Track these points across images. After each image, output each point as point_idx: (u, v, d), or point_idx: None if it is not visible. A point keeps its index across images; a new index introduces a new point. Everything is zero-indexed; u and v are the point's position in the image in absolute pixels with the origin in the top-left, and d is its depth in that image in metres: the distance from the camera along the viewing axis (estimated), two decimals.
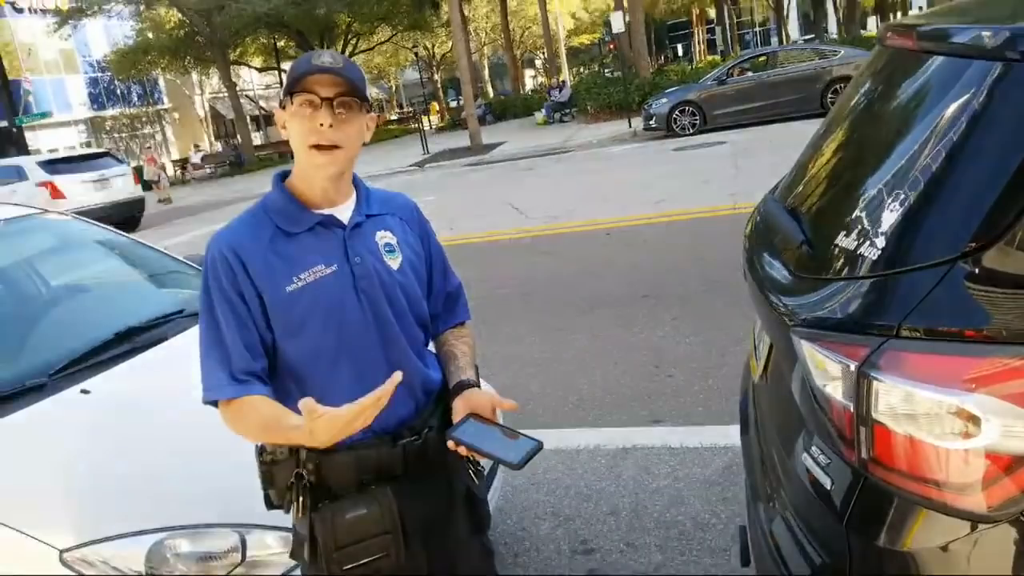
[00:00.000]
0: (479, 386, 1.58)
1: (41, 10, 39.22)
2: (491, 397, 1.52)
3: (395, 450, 1.51)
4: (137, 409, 2.15)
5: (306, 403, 1.25)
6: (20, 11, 41.66)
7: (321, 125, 1.38)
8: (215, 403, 1.44)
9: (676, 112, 15.82)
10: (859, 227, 1.31)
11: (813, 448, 1.35)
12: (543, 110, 25.83)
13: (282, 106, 1.45)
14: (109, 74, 42.21)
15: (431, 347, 1.71)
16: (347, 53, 36.20)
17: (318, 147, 1.40)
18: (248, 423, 1.42)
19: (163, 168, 25.98)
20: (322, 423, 1.27)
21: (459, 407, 1.50)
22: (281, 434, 1.39)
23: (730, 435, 2.95)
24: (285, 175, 1.53)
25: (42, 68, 42.66)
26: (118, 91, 48.47)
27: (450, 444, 1.43)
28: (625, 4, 23.35)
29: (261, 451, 1.50)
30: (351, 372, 1.47)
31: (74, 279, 3.33)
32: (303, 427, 1.29)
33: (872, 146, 1.55)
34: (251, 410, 1.41)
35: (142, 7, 31.24)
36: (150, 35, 33.87)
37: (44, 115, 31.45)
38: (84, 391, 2.18)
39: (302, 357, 1.47)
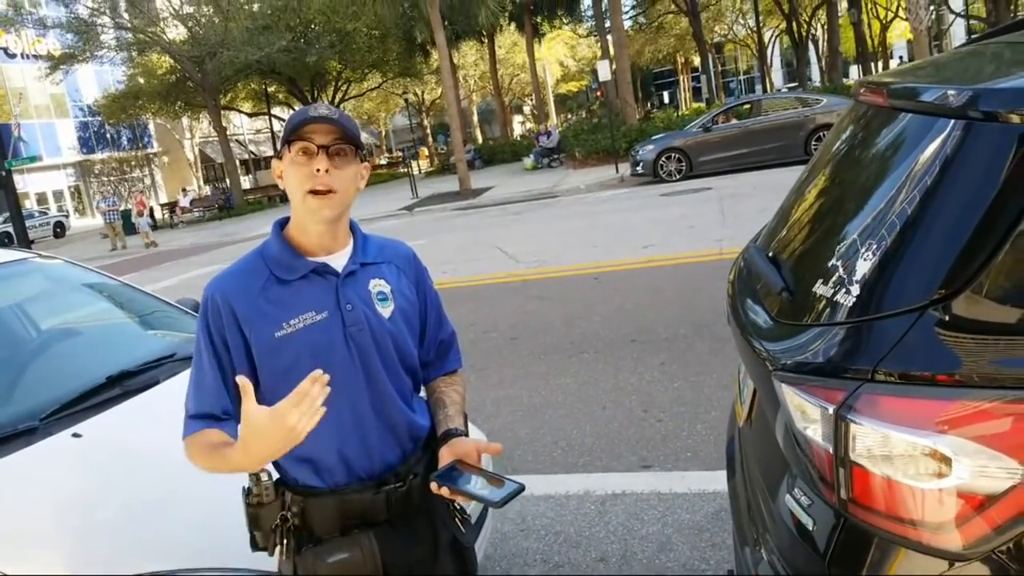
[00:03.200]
0: (467, 434, 1.60)
1: (33, 55, 39.58)
2: (476, 443, 1.54)
3: (378, 496, 1.53)
4: (128, 453, 2.15)
5: (241, 379, 1.29)
6: (12, 56, 42.04)
7: (317, 171, 1.43)
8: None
9: (663, 158, 16.08)
10: (835, 275, 1.37)
11: (796, 490, 1.38)
12: (532, 156, 26.16)
13: (279, 157, 1.50)
14: (99, 118, 42.51)
15: (423, 393, 1.73)
16: (337, 99, 36.78)
17: (314, 192, 1.44)
18: (194, 452, 1.46)
19: (150, 212, 26.05)
20: (250, 428, 1.29)
21: (445, 454, 1.52)
22: (219, 456, 1.41)
23: (718, 480, 2.97)
24: (284, 222, 1.57)
25: (32, 112, 42.89)
26: (108, 135, 48.73)
27: (432, 486, 1.45)
28: (612, 53, 23.89)
29: (248, 493, 1.52)
30: (334, 418, 1.48)
31: (66, 323, 3.34)
32: (236, 444, 1.33)
33: (847, 197, 1.62)
34: (199, 440, 1.45)
35: (135, 53, 31.58)
36: (141, 80, 34.19)
37: (33, 159, 31.48)
38: (75, 435, 2.19)
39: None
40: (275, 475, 1.56)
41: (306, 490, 1.53)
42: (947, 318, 1.16)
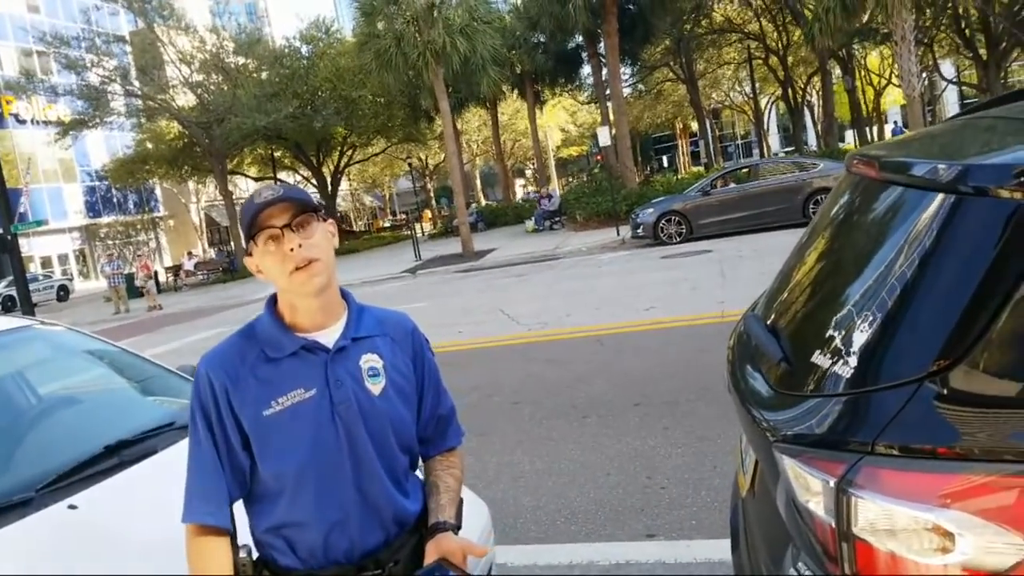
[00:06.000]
0: (458, 526, 1.58)
1: (44, 121, 40.46)
2: (461, 544, 1.52)
3: None
4: (125, 526, 2.12)
5: None
6: (23, 122, 42.98)
7: (292, 250, 1.43)
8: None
9: (663, 221, 16.25)
10: (833, 345, 1.37)
11: (800, 564, 1.36)
12: (533, 219, 26.43)
13: (248, 254, 1.51)
14: (106, 182, 43.23)
15: (420, 471, 1.71)
16: (342, 164, 37.42)
17: (298, 269, 1.44)
18: (186, 540, 1.50)
19: (155, 276, 26.22)
20: None
21: (431, 550, 1.51)
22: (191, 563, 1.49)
23: (723, 549, 2.91)
24: (277, 297, 1.58)
25: (40, 177, 43.60)
26: (114, 199, 49.50)
27: None
28: (611, 118, 24.39)
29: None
30: (315, 496, 1.49)
31: (64, 390, 3.33)
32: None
33: (843, 267, 1.64)
34: (192, 543, 1.48)
35: (144, 119, 32.27)
36: (150, 145, 34.85)
37: (39, 223, 31.80)
38: (72, 506, 2.16)
39: (270, 477, 1.50)
40: (255, 553, 1.55)
41: (284, 571, 1.52)
42: (945, 391, 1.16)
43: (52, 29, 31.38)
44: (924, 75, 25.75)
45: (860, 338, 1.29)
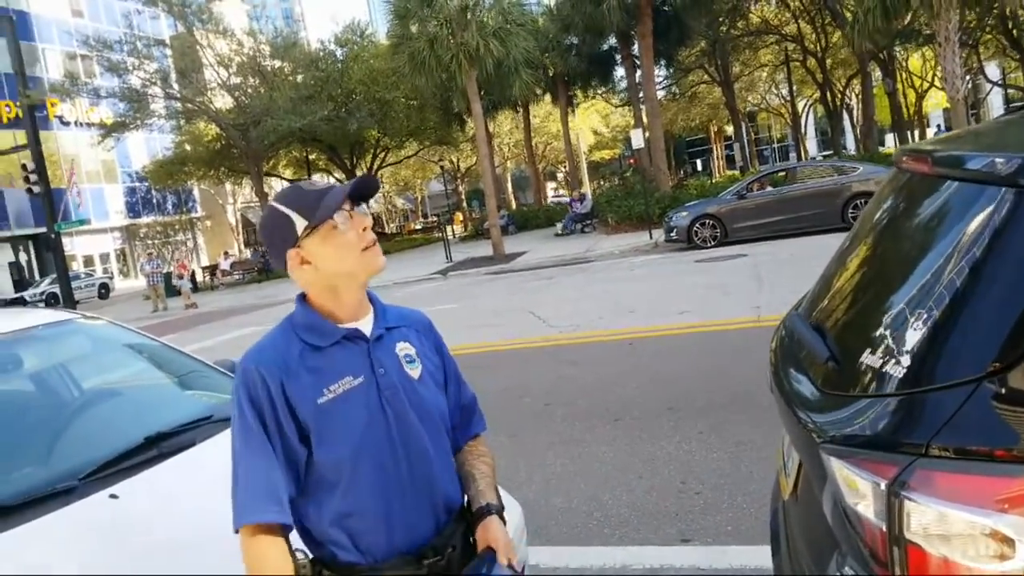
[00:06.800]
0: (502, 508, 1.62)
1: (87, 123, 41.35)
2: (505, 541, 1.55)
3: (421, 571, 1.52)
4: (164, 515, 2.15)
5: None
6: (67, 124, 44.01)
7: (364, 229, 1.51)
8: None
9: (697, 225, 16.10)
10: (884, 344, 1.33)
11: (847, 568, 1.32)
12: (561, 223, 26.27)
13: (295, 246, 1.50)
14: (146, 183, 44.08)
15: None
16: (375, 166, 37.72)
17: (366, 248, 1.50)
18: (242, 541, 1.44)
19: (192, 275, 26.68)
20: None
21: (480, 536, 1.55)
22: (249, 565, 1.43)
23: (761, 556, 2.86)
24: (305, 295, 1.59)
25: (84, 178, 44.57)
26: (154, 200, 50.44)
27: None
28: (645, 121, 24.26)
29: None
30: (372, 482, 1.50)
31: (107, 382, 3.39)
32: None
33: (894, 264, 1.59)
34: (250, 544, 1.42)
35: (183, 121, 32.85)
36: (188, 147, 35.47)
37: (82, 222, 32.62)
38: (113, 496, 2.20)
39: (328, 464, 1.49)
40: (310, 554, 1.54)
41: (346, 567, 1.51)
42: (1003, 391, 1.12)
43: (95, 33, 32.07)
44: (968, 77, 25.25)
45: (913, 337, 1.25)
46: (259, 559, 1.41)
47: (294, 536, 1.52)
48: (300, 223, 1.48)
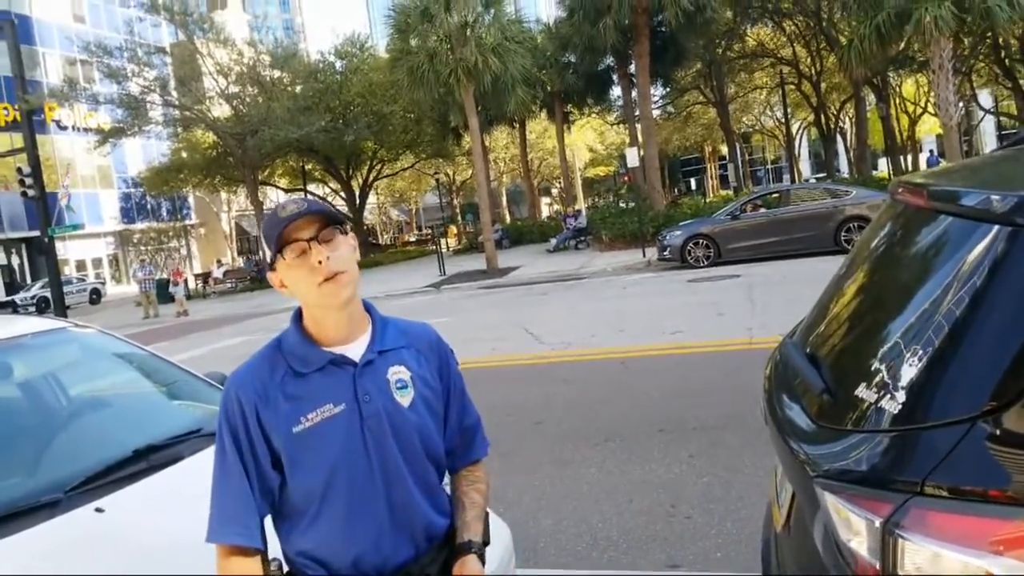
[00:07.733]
0: (485, 544, 1.60)
1: (84, 128, 41.26)
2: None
3: None
4: (149, 531, 2.12)
5: None
6: (64, 128, 43.92)
7: (320, 262, 1.44)
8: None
9: (690, 244, 16.14)
10: (879, 378, 1.33)
11: None
12: (554, 239, 26.33)
13: (271, 269, 1.51)
14: (141, 189, 43.96)
15: (447, 483, 1.70)
16: (371, 178, 37.75)
17: (325, 280, 1.45)
18: (217, 571, 1.49)
19: (185, 282, 26.60)
20: None
21: (456, 573, 1.53)
22: None
23: None
24: (302, 311, 1.57)
25: (79, 182, 44.43)
26: (148, 206, 50.29)
27: None
28: (640, 139, 24.36)
29: None
30: (346, 511, 1.49)
31: (94, 393, 3.36)
32: None
33: (889, 297, 1.59)
34: (222, 563, 1.47)
35: (180, 128, 32.83)
36: (184, 154, 35.42)
37: (76, 227, 32.49)
38: (98, 509, 2.17)
39: (299, 492, 1.50)
40: (285, 567, 1.54)
41: None
42: (998, 432, 1.12)
43: (96, 39, 32.07)
44: (961, 104, 25.45)
45: (909, 372, 1.25)
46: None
47: (275, 546, 1.53)
48: (268, 250, 1.49)
